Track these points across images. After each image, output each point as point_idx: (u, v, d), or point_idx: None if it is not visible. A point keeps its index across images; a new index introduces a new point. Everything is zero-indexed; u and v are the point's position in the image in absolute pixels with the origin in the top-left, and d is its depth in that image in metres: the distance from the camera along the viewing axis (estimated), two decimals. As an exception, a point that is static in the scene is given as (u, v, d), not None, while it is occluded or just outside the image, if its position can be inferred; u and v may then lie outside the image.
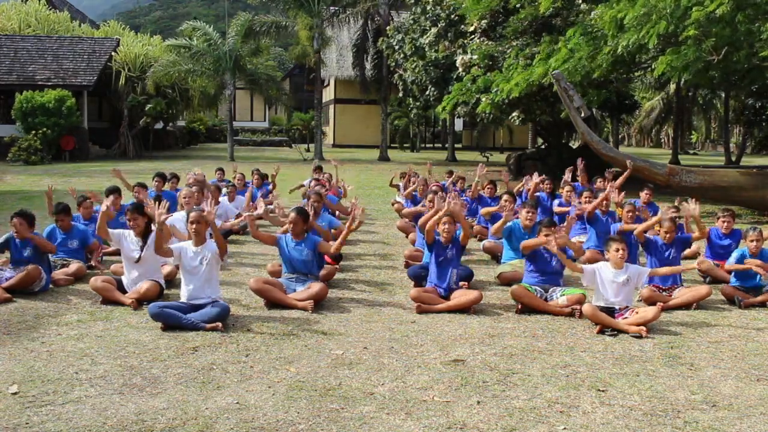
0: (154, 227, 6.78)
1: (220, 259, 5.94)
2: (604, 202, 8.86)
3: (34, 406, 3.94)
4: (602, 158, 13.57)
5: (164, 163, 23.64)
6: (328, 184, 12.03)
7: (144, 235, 6.49)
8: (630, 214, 7.97)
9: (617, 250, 5.87)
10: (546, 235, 6.42)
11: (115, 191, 9.13)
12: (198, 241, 5.96)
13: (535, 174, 10.38)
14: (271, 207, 12.57)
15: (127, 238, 6.54)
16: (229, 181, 12.26)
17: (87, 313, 5.92)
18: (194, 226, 5.93)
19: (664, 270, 6.49)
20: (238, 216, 10.38)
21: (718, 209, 8.08)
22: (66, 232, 7.55)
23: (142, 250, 6.42)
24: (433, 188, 10.43)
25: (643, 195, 10.03)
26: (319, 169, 14.28)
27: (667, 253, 6.80)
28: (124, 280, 6.46)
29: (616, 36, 12.07)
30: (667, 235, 6.78)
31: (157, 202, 6.30)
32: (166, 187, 11.20)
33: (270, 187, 13.30)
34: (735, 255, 6.95)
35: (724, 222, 7.77)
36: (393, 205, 13.14)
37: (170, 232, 6.50)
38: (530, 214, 7.60)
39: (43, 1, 33.82)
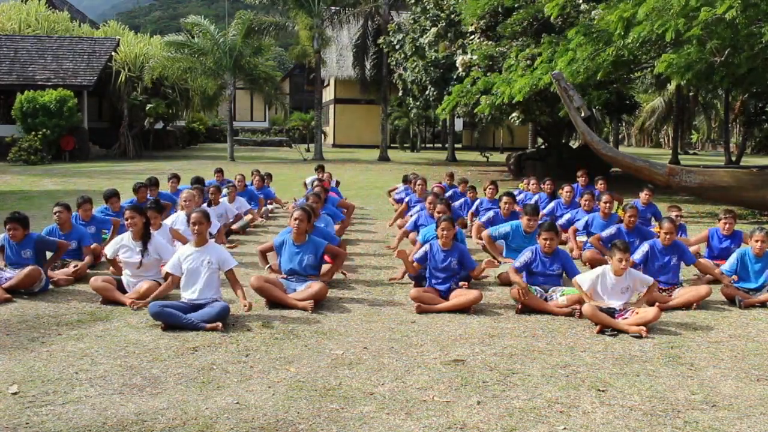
0: (152, 230, 6.76)
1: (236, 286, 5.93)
2: (607, 204, 8.80)
3: (34, 406, 3.94)
4: (602, 158, 13.59)
5: (164, 163, 23.66)
6: (328, 184, 12.01)
7: (143, 237, 6.42)
8: (632, 218, 7.81)
9: (620, 261, 5.80)
10: (545, 239, 6.39)
11: (113, 194, 9.07)
12: (199, 241, 5.93)
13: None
14: (272, 207, 12.73)
15: (124, 245, 6.46)
16: (230, 181, 12.26)
17: (87, 313, 5.92)
18: (196, 227, 5.91)
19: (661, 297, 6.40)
20: (237, 216, 10.43)
21: (720, 210, 8.05)
22: (65, 233, 7.49)
23: (142, 255, 6.37)
24: (435, 189, 10.43)
25: (643, 195, 10.01)
26: (320, 168, 14.30)
27: (666, 259, 6.77)
28: (124, 280, 6.45)
29: (623, 36, 12.02)
30: (667, 236, 6.74)
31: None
32: (166, 188, 11.19)
33: (274, 192, 13.32)
34: (734, 256, 6.93)
35: (726, 223, 7.72)
36: (390, 197, 13.18)
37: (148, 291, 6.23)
38: (531, 222, 7.55)
39: (43, 1, 33.82)
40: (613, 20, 12.11)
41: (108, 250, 6.67)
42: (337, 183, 14.14)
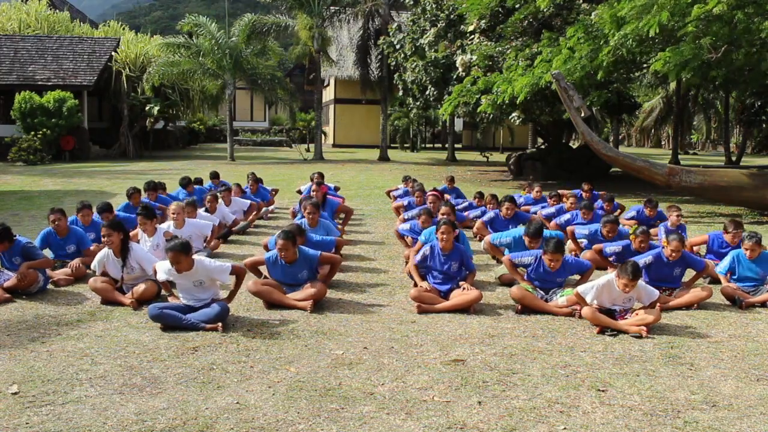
0: (131, 243, 6.47)
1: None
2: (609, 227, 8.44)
3: (34, 406, 3.94)
4: (602, 158, 13.59)
5: (164, 164, 23.67)
6: (326, 188, 11.87)
7: (122, 252, 6.25)
8: (643, 245, 7.25)
9: (625, 286, 5.61)
10: (550, 260, 6.30)
11: (106, 209, 8.54)
12: (183, 270, 5.62)
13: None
14: (272, 207, 12.71)
15: (109, 261, 6.33)
16: (225, 183, 12.22)
17: (87, 313, 5.92)
18: (175, 266, 5.55)
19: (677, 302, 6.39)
20: (235, 222, 10.33)
21: (728, 221, 7.88)
22: (62, 237, 7.36)
23: (123, 271, 6.27)
24: (430, 198, 10.37)
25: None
26: (320, 176, 14.18)
27: (670, 270, 6.72)
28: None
29: (616, 33, 12.04)
30: (674, 254, 6.67)
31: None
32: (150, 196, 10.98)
33: (270, 193, 13.28)
34: (729, 257, 6.93)
35: (734, 238, 7.52)
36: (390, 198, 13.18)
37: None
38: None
39: (43, 1, 33.83)
40: (606, 19, 12.12)
41: (94, 265, 6.51)
42: (337, 188, 14.09)
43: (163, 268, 5.82)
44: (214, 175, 13.20)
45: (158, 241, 7.21)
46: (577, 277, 6.70)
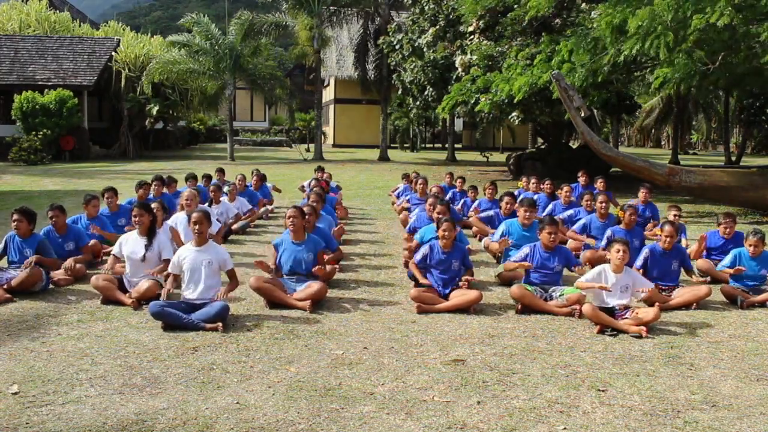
0: (158, 228, 6.81)
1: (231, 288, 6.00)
2: (603, 204, 8.69)
3: (34, 406, 3.94)
4: (602, 158, 13.58)
5: (164, 164, 23.66)
6: (327, 185, 11.95)
7: (149, 233, 6.51)
8: (633, 217, 7.75)
9: (618, 251, 5.85)
10: (549, 233, 6.40)
11: (110, 190, 9.06)
12: (200, 241, 5.95)
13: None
14: (272, 207, 12.72)
15: (129, 241, 6.55)
16: (230, 182, 12.22)
17: (87, 313, 5.92)
18: (197, 226, 5.92)
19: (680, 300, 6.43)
20: (237, 216, 10.43)
21: (720, 213, 8.03)
22: (62, 234, 7.46)
23: (146, 249, 6.44)
24: (434, 190, 10.44)
25: (641, 194, 9.97)
26: (320, 169, 14.28)
27: (666, 264, 6.74)
28: (125, 279, 6.46)
29: (615, 42, 12.00)
30: (668, 239, 6.71)
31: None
32: (153, 191, 11.06)
33: (271, 189, 13.29)
34: (730, 257, 6.93)
35: (726, 228, 7.69)
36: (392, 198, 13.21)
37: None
38: (528, 213, 7.58)
39: (43, 1, 33.82)
40: (603, 27, 12.07)
41: (115, 248, 6.71)
42: (338, 187, 14.11)
43: (172, 261, 6.07)
44: (220, 170, 13.16)
45: (164, 234, 7.27)
46: (574, 275, 6.70)
